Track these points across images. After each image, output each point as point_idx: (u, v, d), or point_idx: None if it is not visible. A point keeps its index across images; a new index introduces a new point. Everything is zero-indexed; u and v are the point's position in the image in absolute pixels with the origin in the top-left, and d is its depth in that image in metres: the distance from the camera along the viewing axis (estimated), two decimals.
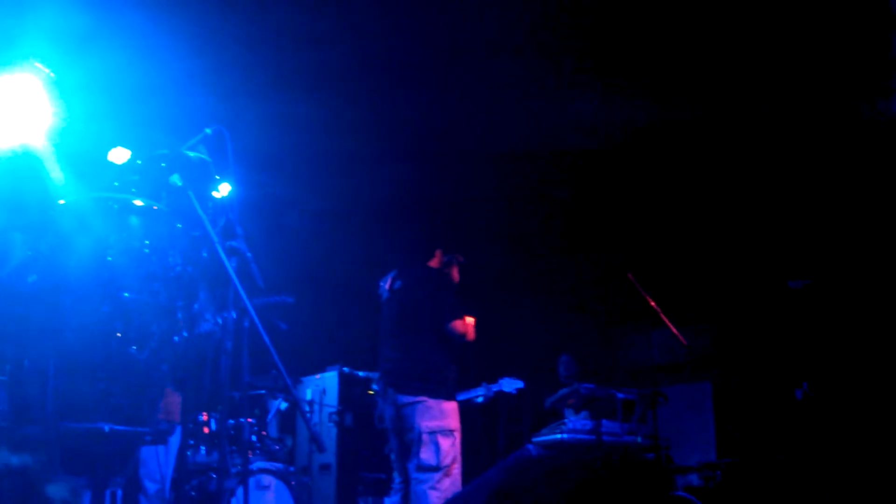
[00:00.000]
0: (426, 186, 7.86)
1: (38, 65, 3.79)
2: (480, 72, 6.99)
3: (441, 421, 4.82)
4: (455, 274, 5.48)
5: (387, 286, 5.47)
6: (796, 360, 7.70)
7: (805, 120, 6.96)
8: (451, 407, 4.90)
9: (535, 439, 5.70)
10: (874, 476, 5.89)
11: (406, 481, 4.91)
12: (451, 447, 4.73)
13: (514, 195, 8.13)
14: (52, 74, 3.65)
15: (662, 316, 5.34)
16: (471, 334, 5.19)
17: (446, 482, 4.65)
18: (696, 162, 7.65)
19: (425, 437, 4.81)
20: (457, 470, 4.76)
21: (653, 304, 5.38)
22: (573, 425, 6.54)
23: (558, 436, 6.41)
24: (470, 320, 5.27)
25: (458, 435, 4.83)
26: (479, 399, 6.51)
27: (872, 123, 6.63)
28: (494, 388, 6.77)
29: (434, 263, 5.39)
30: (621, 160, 7.65)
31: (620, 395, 6.70)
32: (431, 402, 4.87)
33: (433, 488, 4.68)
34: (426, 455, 4.75)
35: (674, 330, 5.29)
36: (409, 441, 4.89)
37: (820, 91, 6.64)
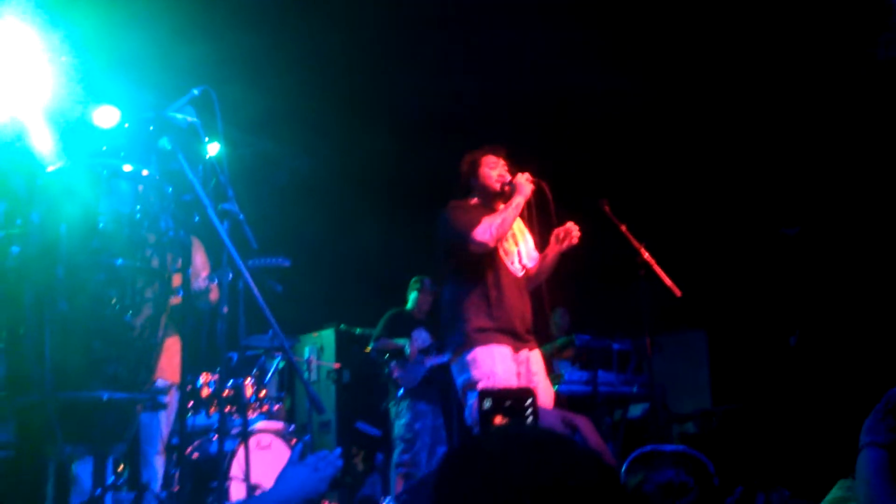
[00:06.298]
0: (417, 146, 7.81)
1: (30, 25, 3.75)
2: (471, 39, 6.93)
3: (465, 374, 4.48)
4: (490, 182, 4.76)
5: None
6: (790, 306, 7.73)
7: (797, 62, 6.91)
8: (472, 357, 4.46)
9: None
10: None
11: None
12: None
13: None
14: (45, 36, 3.60)
15: (655, 266, 5.33)
16: (495, 229, 4.48)
17: None
18: (687, 106, 7.60)
19: (461, 394, 4.54)
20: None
21: (646, 254, 5.37)
22: (569, 377, 6.60)
23: (554, 388, 6.47)
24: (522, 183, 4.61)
25: (489, 383, 4.34)
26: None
27: (865, 66, 6.59)
28: None
29: (474, 198, 4.83)
30: (608, 113, 7.60)
31: (616, 346, 6.76)
32: (456, 357, 4.55)
33: None
34: (467, 412, 4.48)
35: (667, 280, 5.28)
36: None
37: (810, 31, 6.58)
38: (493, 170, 4.77)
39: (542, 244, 4.82)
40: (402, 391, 7.05)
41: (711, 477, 2.25)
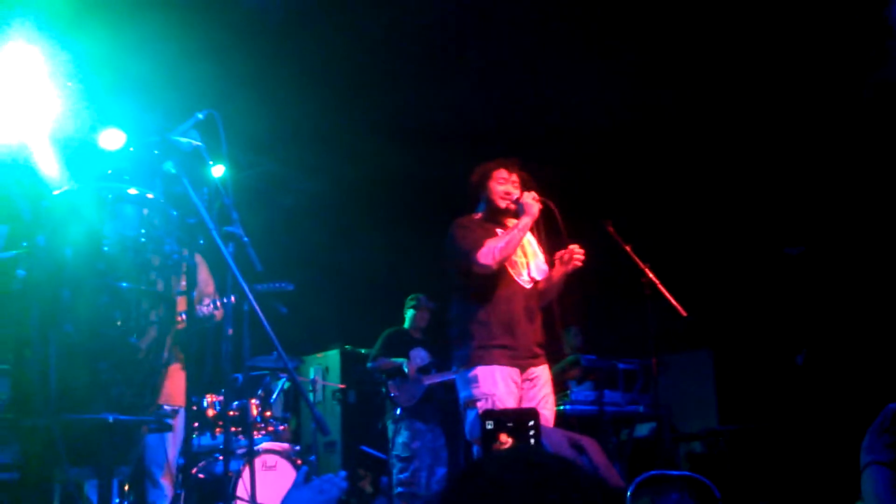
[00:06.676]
0: (420, 166, 7.82)
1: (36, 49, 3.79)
2: (474, 53, 6.96)
3: (466, 391, 4.45)
4: (495, 198, 4.72)
5: None
6: (796, 325, 7.71)
7: (802, 84, 6.93)
8: (473, 374, 4.44)
9: None
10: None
11: None
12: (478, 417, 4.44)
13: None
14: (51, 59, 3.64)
15: (661, 287, 5.33)
16: (497, 251, 4.47)
17: None
18: (691, 128, 7.62)
19: (461, 410, 4.51)
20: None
21: (651, 275, 5.37)
22: (575, 396, 6.59)
23: (561, 407, 6.46)
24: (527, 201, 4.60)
25: (487, 403, 4.32)
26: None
27: (866, 90, 6.60)
28: None
29: (479, 213, 4.82)
30: (614, 133, 7.61)
31: (622, 366, 6.74)
32: (460, 372, 4.52)
33: None
34: (467, 428, 4.46)
35: (672, 301, 5.28)
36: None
37: (816, 54, 6.60)
38: (502, 185, 4.73)
39: (552, 260, 4.78)
40: (399, 410, 7.04)
41: (717, 502, 2.24)
